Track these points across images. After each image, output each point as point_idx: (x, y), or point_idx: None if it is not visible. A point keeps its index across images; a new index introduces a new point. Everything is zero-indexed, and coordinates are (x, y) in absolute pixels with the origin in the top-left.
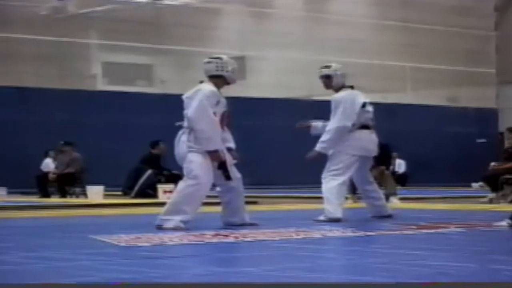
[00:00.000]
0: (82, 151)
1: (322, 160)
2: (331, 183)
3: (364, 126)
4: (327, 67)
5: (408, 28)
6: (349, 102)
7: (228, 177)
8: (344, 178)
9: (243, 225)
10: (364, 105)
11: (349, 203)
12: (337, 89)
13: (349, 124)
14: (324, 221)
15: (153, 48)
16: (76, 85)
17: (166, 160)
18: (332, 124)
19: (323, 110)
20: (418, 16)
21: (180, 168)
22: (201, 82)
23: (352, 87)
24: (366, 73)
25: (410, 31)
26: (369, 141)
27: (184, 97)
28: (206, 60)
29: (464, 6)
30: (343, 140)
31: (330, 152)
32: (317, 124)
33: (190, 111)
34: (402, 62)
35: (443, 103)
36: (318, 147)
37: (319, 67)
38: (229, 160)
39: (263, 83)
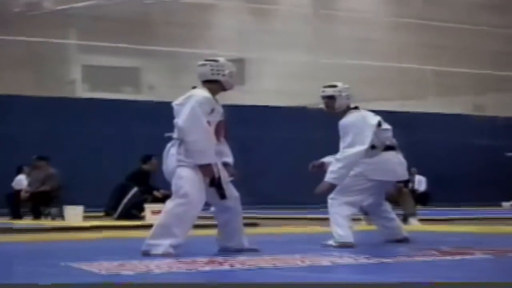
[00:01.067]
0: (59, 166)
1: None
2: (340, 204)
3: (388, 147)
4: (332, 86)
5: (429, 27)
6: (359, 125)
7: (222, 196)
8: (354, 199)
9: (241, 250)
10: (379, 124)
11: (362, 225)
12: (340, 112)
13: (362, 148)
14: (334, 246)
15: (140, 49)
16: (53, 92)
17: (156, 177)
18: (343, 151)
19: (332, 120)
20: (440, 14)
21: (169, 187)
22: (194, 87)
23: (357, 108)
24: (381, 78)
25: (431, 30)
26: (397, 163)
27: (174, 104)
28: (200, 62)
29: (492, 2)
30: (366, 163)
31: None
32: (330, 159)
33: (180, 119)
34: (422, 65)
35: (468, 112)
36: (329, 178)
37: (322, 86)
38: (225, 176)
39: (264, 89)
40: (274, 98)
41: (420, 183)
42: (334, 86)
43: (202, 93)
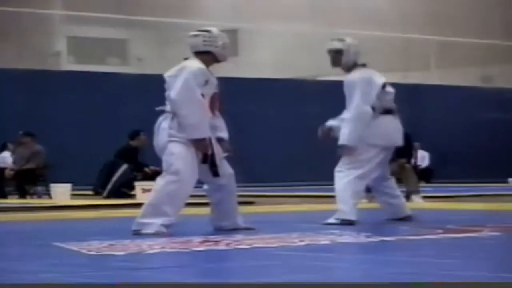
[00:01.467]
0: (45, 143)
1: (332, 151)
2: (347, 178)
3: (387, 111)
4: (340, 40)
5: None
6: (366, 84)
7: (216, 173)
8: (363, 172)
9: (236, 229)
10: (384, 86)
11: (363, 203)
12: (347, 68)
13: (369, 109)
14: (335, 223)
15: (127, 20)
16: (37, 65)
17: (145, 154)
18: (351, 111)
19: (330, 92)
20: None
21: (159, 163)
22: (186, 59)
23: (364, 65)
24: (383, 48)
25: None
26: (394, 128)
27: (166, 76)
28: (192, 33)
29: None
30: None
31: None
32: (336, 123)
33: (173, 92)
34: (426, 35)
35: (475, 84)
36: (343, 140)
37: (330, 39)
38: (219, 152)
39: (259, 61)
40: (269, 71)
41: (423, 158)
42: (343, 40)
43: (195, 64)
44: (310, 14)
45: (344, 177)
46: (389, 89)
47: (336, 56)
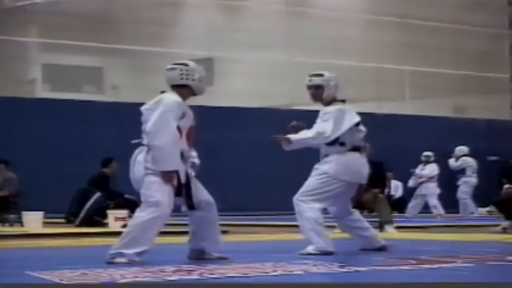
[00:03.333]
0: (17, 170)
1: (302, 179)
2: (313, 210)
3: (355, 148)
4: (319, 75)
5: (408, 25)
6: (340, 117)
7: (191, 207)
8: (325, 205)
9: (210, 257)
10: (358, 124)
11: (336, 233)
12: (327, 103)
13: (331, 136)
14: (314, 254)
15: (103, 48)
16: (12, 92)
17: (117, 182)
18: (315, 127)
19: (306, 121)
20: (419, 12)
21: (134, 193)
22: (163, 92)
23: (344, 101)
24: (357, 78)
25: (410, 29)
26: (361, 165)
27: (143, 109)
28: (169, 66)
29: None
30: (333, 162)
31: (314, 171)
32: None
33: (149, 124)
34: (400, 65)
35: (448, 114)
36: (293, 136)
37: (308, 74)
38: (195, 185)
39: (234, 89)
40: (244, 99)
41: (397, 188)
42: (321, 75)
43: (172, 97)
44: (285, 44)
45: (310, 209)
46: (362, 128)
47: (317, 92)
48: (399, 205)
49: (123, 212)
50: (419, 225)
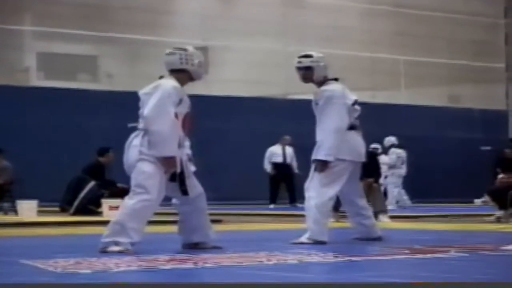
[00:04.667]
0: (11, 159)
1: (300, 171)
2: (319, 199)
3: (352, 127)
4: (308, 56)
5: (403, 15)
6: (342, 96)
7: (185, 192)
8: (334, 191)
9: (204, 245)
10: (355, 102)
11: (331, 222)
12: (319, 83)
13: (346, 121)
14: (307, 243)
15: (98, 36)
16: (6, 80)
17: (113, 171)
18: (329, 125)
19: (300, 111)
20: (414, 1)
21: (127, 181)
22: (161, 77)
23: (337, 80)
24: (352, 67)
25: (405, 18)
26: (359, 143)
27: (140, 93)
28: (169, 51)
29: None
30: None
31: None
32: None
33: (146, 109)
34: (395, 55)
35: (443, 104)
36: (323, 155)
37: (297, 56)
38: (189, 170)
39: (229, 78)
40: (239, 88)
41: None
42: (310, 56)
43: (170, 82)
44: (280, 33)
45: (316, 198)
46: (357, 107)
47: (306, 73)
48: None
49: (118, 201)
50: (413, 214)
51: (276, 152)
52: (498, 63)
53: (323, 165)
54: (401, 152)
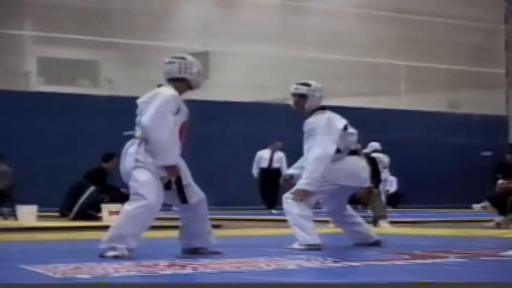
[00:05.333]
0: (11, 163)
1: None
2: (298, 205)
3: (352, 152)
4: (306, 85)
5: (403, 20)
6: (326, 126)
7: (184, 200)
8: (312, 202)
9: (203, 252)
10: (345, 128)
11: (330, 228)
12: (308, 113)
13: (331, 150)
14: (301, 249)
15: (98, 41)
16: (6, 85)
17: (114, 177)
18: (312, 154)
19: (300, 116)
20: (414, 6)
21: (127, 186)
22: (160, 85)
23: (324, 108)
24: (352, 73)
25: (405, 24)
26: (362, 168)
27: (139, 101)
28: (168, 60)
29: None
30: (331, 168)
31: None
32: (296, 171)
33: (145, 118)
34: (395, 60)
35: (443, 109)
36: (302, 185)
37: (295, 82)
38: (187, 178)
39: (229, 83)
40: (239, 93)
41: (391, 183)
42: (308, 85)
43: (169, 91)
44: (280, 38)
45: (295, 204)
46: (351, 130)
47: (300, 100)
48: (394, 200)
49: (117, 206)
50: (413, 220)
51: (263, 157)
52: (498, 68)
53: (303, 193)
54: (383, 157)
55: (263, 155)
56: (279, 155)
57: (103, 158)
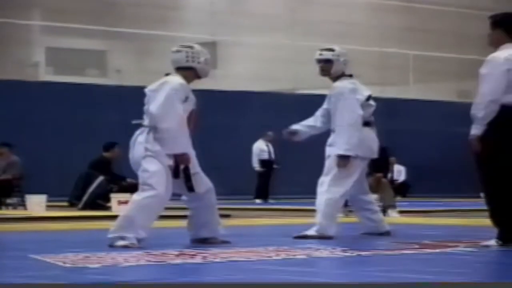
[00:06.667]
0: (21, 153)
1: (310, 165)
2: (331, 193)
3: (366, 123)
4: (330, 50)
5: (412, 9)
6: (353, 91)
7: (191, 188)
8: (345, 188)
9: (213, 240)
10: (368, 98)
11: (340, 217)
12: (335, 78)
13: (360, 114)
14: (313, 236)
15: (107, 31)
16: (15, 75)
17: (120, 166)
18: (342, 121)
19: (309, 106)
20: None
21: (135, 176)
22: (167, 74)
23: (351, 76)
24: (361, 62)
25: (415, 13)
26: (372, 140)
27: (147, 90)
28: (175, 49)
29: None
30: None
31: (328, 153)
32: (300, 128)
33: (154, 106)
34: (404, 49)
35: (452, 99)
36: (341, 149)
37: (319, 48)
38: (194, 167)
39: (238, 73)
40: (247, 83)
41: (400, 173)
42: (332, 50)
43: (177, 79)
44: (288, 27)
45: (328, 194)
46: (372, 102)
47: (326, 66)
48: (402, 189)
49: (126, 196)
50: (422, 209)
51: (263, 149)
52: None
53: (343, 159)
54: None
55: (261, 146)
56: (271, 147)
57: (103, 147)
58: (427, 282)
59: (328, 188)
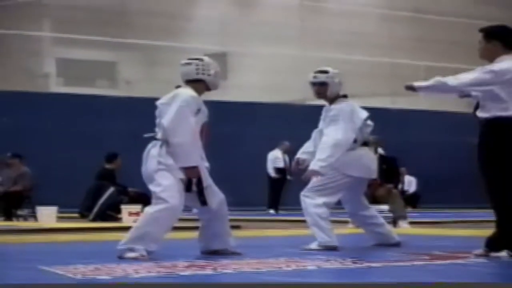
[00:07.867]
0: (31, 164)
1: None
2: (317, 204)
3: (364, 143)
4: (324, 72)
5: (423, 20)
6: (350, 114)
7: (204, 202)
8: (330, 200)
9: (224, 252)
10: (366, 118)
11: (350, 228)
12: (331, 100)
13: (350, 138)
14: (318, 249)
15: (117, 42)
16: (25, 86)
17: (126, 176)
18: (331, 137)
19: (319, 116)
20: (434, 6)
21: (140, 186)
22: (178, 86)
23: (346, 96)
24: (372, 73)
25: (425, 24)
26: (371, 159)
27: (158, 103)
28: (184, 61)
29: None
30: (342, 158)
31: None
32: (307, 155)
33: (166, 119)
34: (415, 61)
35: (463, 110)
36: (316, 165)
37: (313, 71)
38: (207, 180)
39: (247, 84)
40: (258, 94)
41: (410, 183)
42: (326, 72)
43: (188, 92)
44: (298, 38)
45: (313, 203)
46: (370, 122)
47: (321, 89)
48: (413, 200)
49: (137, 207)
50: (433, 220)
51: (278, 157)
52: None
53: (315, 174)
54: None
55: (277, 155)
56: (285, 156)
57: (106, 159)
58: (427, 282)
59: (312, 200)
